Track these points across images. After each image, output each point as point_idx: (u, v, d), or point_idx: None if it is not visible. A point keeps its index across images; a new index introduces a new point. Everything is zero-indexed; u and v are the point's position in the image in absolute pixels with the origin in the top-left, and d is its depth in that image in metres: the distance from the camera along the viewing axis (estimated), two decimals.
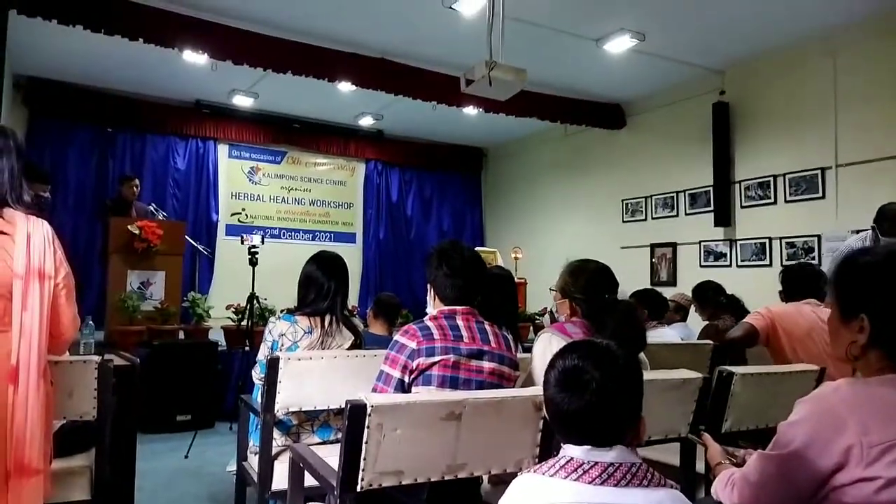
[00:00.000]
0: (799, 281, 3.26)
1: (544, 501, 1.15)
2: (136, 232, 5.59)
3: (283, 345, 2.72)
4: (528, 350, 2.59)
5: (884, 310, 1.27)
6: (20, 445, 1.74)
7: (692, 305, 4.83)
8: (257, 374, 2.78)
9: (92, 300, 6.93)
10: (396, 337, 2.10)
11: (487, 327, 2.16)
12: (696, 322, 4.81)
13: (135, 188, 6.74)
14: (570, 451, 1.21)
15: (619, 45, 6.12)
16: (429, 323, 2.09)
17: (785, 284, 3.34)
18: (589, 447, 1.19)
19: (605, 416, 1.20)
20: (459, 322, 2.10)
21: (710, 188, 7.03)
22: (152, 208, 6.64)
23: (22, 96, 7.60)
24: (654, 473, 1.20)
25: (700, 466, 2.29)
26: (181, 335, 5.81)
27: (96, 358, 2.25)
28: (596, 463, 1.17)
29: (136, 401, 2.83)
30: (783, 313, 3.10)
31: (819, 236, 6.03)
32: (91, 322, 3.09)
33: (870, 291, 1.29)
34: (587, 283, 2.34)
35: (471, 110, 7.55)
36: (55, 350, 1.95)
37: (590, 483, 1.15)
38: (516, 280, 7.55)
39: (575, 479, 1.16)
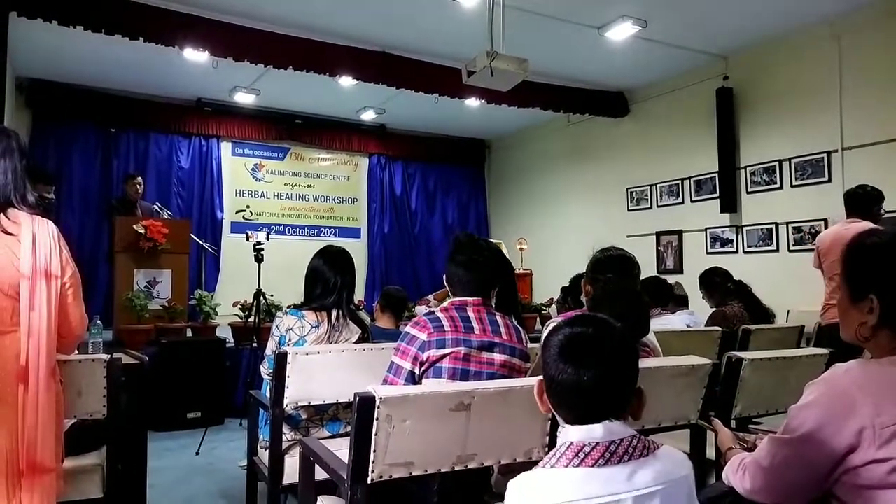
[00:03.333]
0: (850, 201, 4.01)
1: (551, 496, 1.11)
2: (142, 231, 5.60)
3: (290, 340, 2.73)
4: (535, 340, 2.59)
5: (892, 289, 1.26)
6: (32, 444, 1.75)
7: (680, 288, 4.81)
8: (265, 370, 2.79)
9: (99, 300, 6.96)
10: (407, 328, 2.10)
11: (499, 319, 2.14)
12: (703, 309, 4.80)
13: (138, 186, 6.76)
14: (569, 434, 1.17)
15: (621, 32, 6.08)
16: (440, 314, 2.08)
17: (845, 206, 4.08)
18: (588, 426, 1.16)
19: (613, 387, 1.17)
20: (470, 314, 2.09)
21: (716, 174, 7.00)
22: (157, 207, 6.66)
23: (25, 99, 7.62)
24: (649, 441, 1.18)
25: (710, 453, 2.28)
26: (189, 333, 5.83)
27: (105, 357, 2.27)
28: (597, 444, 1.14)
29: (145, 399, 2.84)
30: (819, 238, 4.22)
31: (826, 220, 6.00)
32: (99, 321, 3.10)
33: (878, 271, 1.28)
34: (603, 265, 2.37)
35: (473, 102, 7.53)
36: (63, 349, 1.96)
37: (593, 465, 1.12)
38: (522, 271, 7.56)
39: (577, 465, 1.12)
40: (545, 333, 2.27)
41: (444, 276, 2.23)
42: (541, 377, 1.26)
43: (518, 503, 1.14)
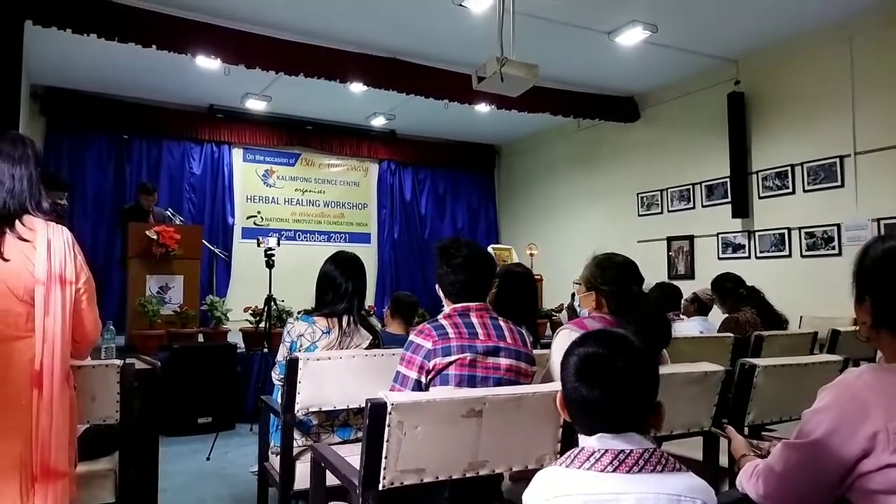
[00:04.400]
0: None
1: (562, 493, 1.15)
2: (155, 237, 5.63)
3: (301, 345, 2.74)
4: (546, 346, 2.58)
5: (883, 292, 1.29)
6: (46, 449, 1.76)
7: (713, 301, 4.77)
8: (277, 375, 2.80)
9: (112, 305, 7.01)
10: (411, 337, 2.08)
11: (502, 323, 2.14)
12: (715, 315, 4.77)
13: (151, 202, 6.76)
14: (584, 440, 1.22)
15: (632, 37, 6.07)
16: (443, 321, 2.07)
17: None
18: (601, 435, 1.19)
19: (625, 403, 1.20)
20: (474, 319, 2.09)
21: (727, 179, 6.96)
22: (169, 213, 6.70)
23: (39, 106, 7.70)
24: (668, 459, 1.18)
25: (723, 460, 2.27)
26: (200, 338, 5.85)
27: (118, 362, 2.28)
28: (607, 450, 1.17)
29: (158, 404, 2.86)
30: None
31: (839, 225, 5.95)
32: (112, 327, 3.12)
33: (872, 275, 1.31)
34: (615, 275, 2.27)
35: (483, 107, 7.53)
36: (77, 354, 1.98)
37: (602, 471, 1.15)
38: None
39: (588, 468, 1.16)
40: (556, 340, 2.27)
41: (438, 285, 2.19)
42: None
43: (535, 493, 1.20)
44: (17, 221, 1.82)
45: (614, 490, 1.13)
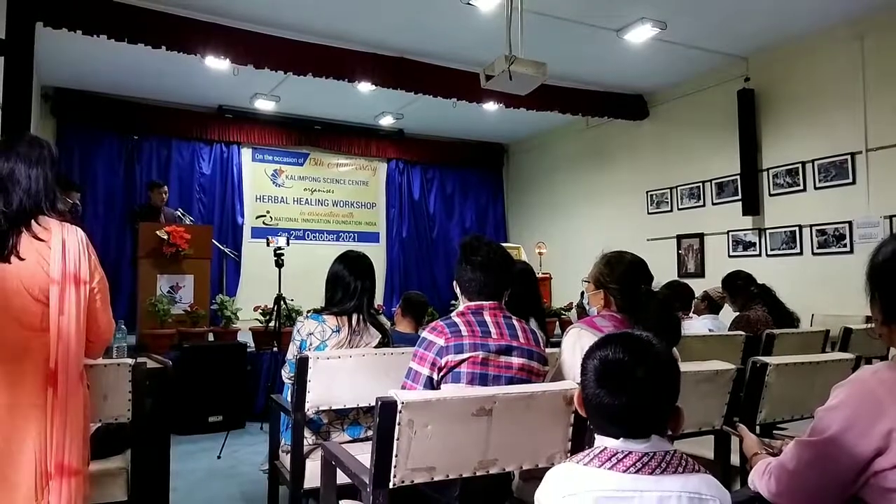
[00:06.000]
0: None
1: (580, 490, 1.15)
2: (165, 237, 5.67)
3: (311, 344, 2.74)
4: (555, 345, 2.58)
5: (887, 290, 1.29)
6: (60, 447, 1.78)
7: (724, 300, 4.74)
8: (287, 374, 2.81)
9: (123, 305, 7.05)
10: (424, 334, 2.09)
11: (515, 322, 2.14)
12: (726, 313, 4.75)
13: (163, 195, 6.86)
14: (604, 441, 1.21)
15: (640, 34, 6.05)
16: (456, 319, 2.07)
17: None
18: (624, 439, 1.19)
19: (647, 410, 1.19)
20: (487, 318, 2.09)
21: (738, 177, 6.92)
22: (179, 213, 6.74)
23: (50, 107, 7.75)
24: (687, 460, 1.19)
25: (735, 459, 2.26)
26: (210, 337, 5.89)
27: (130, 361, 2.30)
28: (630, 452, 1.17)
29: (169, 402, 2.87)
30: None
31: (850, 223, 5.91)
32: (123, 326, 3.15)
33: (880, 272, 1.31)
34: (623, 273, 2.27)
35: (491, 106, 7.53)
36: (90, 354, 1.99)
37: (625, 471, 1.14)
38: (541, 275, 7.53)
39: (609, 468, 1.15)
40: (566, 338, 2.26)
41: (455, 282, 2.21)
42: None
43: (551, 490, 1.19)
44: (32, 221, 1.85)
45: (637, 487, 1.13)
